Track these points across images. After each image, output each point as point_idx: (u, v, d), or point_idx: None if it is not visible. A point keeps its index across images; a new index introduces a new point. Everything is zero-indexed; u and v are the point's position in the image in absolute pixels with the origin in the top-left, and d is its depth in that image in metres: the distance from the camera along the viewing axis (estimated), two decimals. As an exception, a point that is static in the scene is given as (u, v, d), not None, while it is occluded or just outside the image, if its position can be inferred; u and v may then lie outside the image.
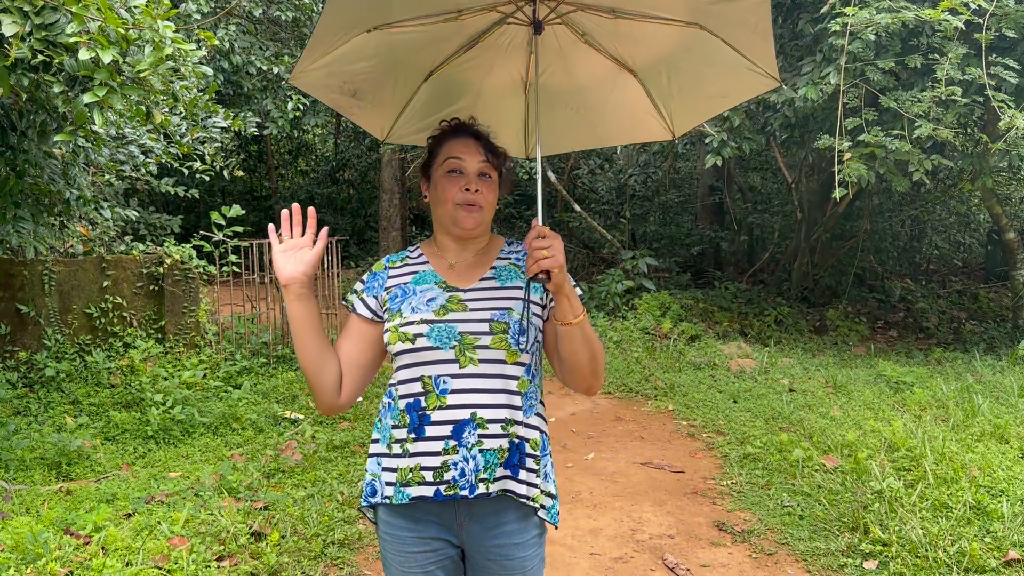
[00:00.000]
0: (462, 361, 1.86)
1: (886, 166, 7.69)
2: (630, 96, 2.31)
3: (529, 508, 1.93)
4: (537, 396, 1.98)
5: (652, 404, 7.19)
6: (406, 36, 2.12)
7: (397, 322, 1.90)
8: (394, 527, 1.93)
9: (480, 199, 1.94)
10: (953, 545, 3.80)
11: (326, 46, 2.03)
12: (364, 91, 2.25)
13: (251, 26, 10.04)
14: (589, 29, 2.13)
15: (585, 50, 2.19)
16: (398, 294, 1.96)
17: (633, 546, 4.23)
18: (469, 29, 2.14)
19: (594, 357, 1.90)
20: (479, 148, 1.95)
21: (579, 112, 2.35)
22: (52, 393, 6.21)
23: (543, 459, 1.95)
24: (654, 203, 16.04)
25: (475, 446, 1.83)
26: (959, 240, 15.96)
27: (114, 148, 6.18)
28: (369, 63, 2.16)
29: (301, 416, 6.26)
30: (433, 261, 2.02)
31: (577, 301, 1.85)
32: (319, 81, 2.18)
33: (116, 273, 6.94)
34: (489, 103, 2.33)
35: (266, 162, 19.87)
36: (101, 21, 3.63)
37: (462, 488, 1.82)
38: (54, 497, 4.55)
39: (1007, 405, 6.34)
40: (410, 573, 1.93)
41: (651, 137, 2.46)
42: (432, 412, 1.84)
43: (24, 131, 4.86)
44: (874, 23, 7.13)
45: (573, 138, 2.52)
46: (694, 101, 2.35)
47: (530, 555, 1.95)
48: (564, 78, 2.28)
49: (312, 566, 3.82)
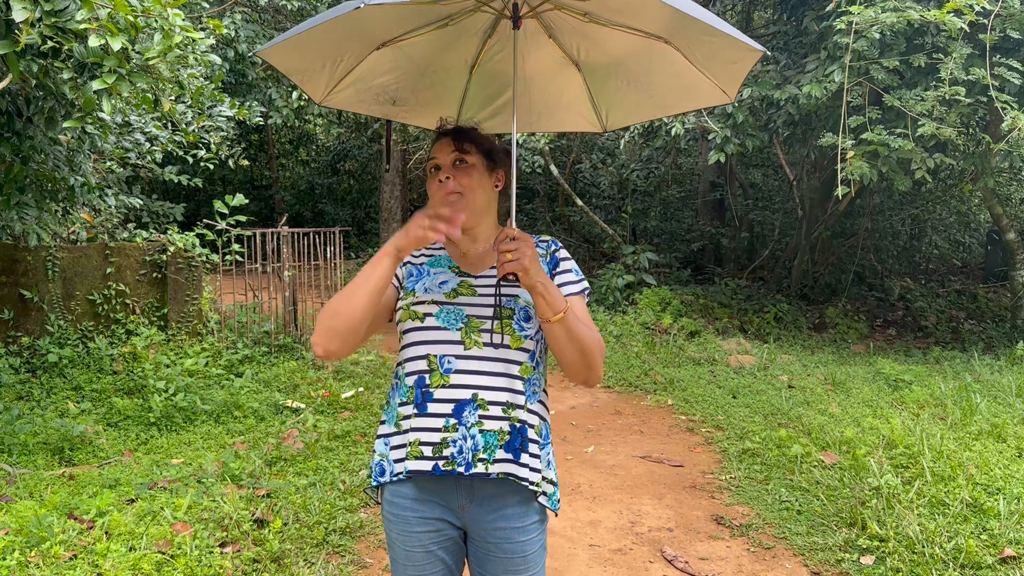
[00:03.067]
0: (467, 343, 1.90)
1: (888, 164, 7.71)
2: (670, 64, 2.30)
3: (530, 493, 1.96)
4: (540, 384, 2.01)
5: (652, 399, 7.23)
6: (417, 46, 2.18)
7: (409, 300, 1.96)
8: (398, 507, 1.97)
9: (454, 185, 1.98)
10: (950, 542, 3.83)
11: (334, 64, 2.10)
12: (404, 98, 2.31)
13: (256, 15, 10.03)
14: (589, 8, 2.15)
15: (602, 29, 2.19)
16: (413, 273, 2.02)
17: (632, 538, 4.27)
18: (471, 28, 2.18)
19: (584, 353, 1.91)
20: (450, 142, 2.01)
21: (631, 84, 2.35)
22: (55, 379, 6.23)
23: (545, 446, 1.99)
24: (655, 198, 16.07)
25: (475, 426, 1.87)
26: (959, 240, 15.99)
27: (119, 135, 6.19)
28: (394, 75, 2.23)
29: (303, 405, 6.28)
30: (448, 248, 2.08)
31: (556, 299, 1.86)
32: (352, 98, 2.25)
33: (119, 260, 6.95)
34: (538, 86, 2.36)
35: (267, 152, 19.86)
36: (111, 8, 3.64)
37: (459, 465, 1.86)
38: (57, 482, 4.57)
39: (1005, 404, 6.38)
40: (413, 552, 1.97)
41: (711, 101, 2.36)
42: (435, 390, 1.89)
43: (31, 117, 4.87)
44: (879, 22, 7.14)
45: (636, 109, 2.50)
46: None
47: (531, 540, 1.98)
48: (598, 53, 2.29)
49: (314, 553, 3.85)
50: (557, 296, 1.87)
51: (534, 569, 2.00)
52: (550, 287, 1.86)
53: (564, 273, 2.05)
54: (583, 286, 2.06)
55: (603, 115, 2.47)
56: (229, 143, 7.10)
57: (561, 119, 2.57)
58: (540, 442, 1.96)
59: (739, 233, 13.97)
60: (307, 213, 19.95)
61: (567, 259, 2.08)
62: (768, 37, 10.68)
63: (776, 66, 9.26)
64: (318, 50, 2.08)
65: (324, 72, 2.16)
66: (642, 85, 2.32)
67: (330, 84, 2.21)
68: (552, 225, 15.87)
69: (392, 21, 2.10)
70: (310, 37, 1.99)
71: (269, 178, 20.12)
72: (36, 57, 3.91)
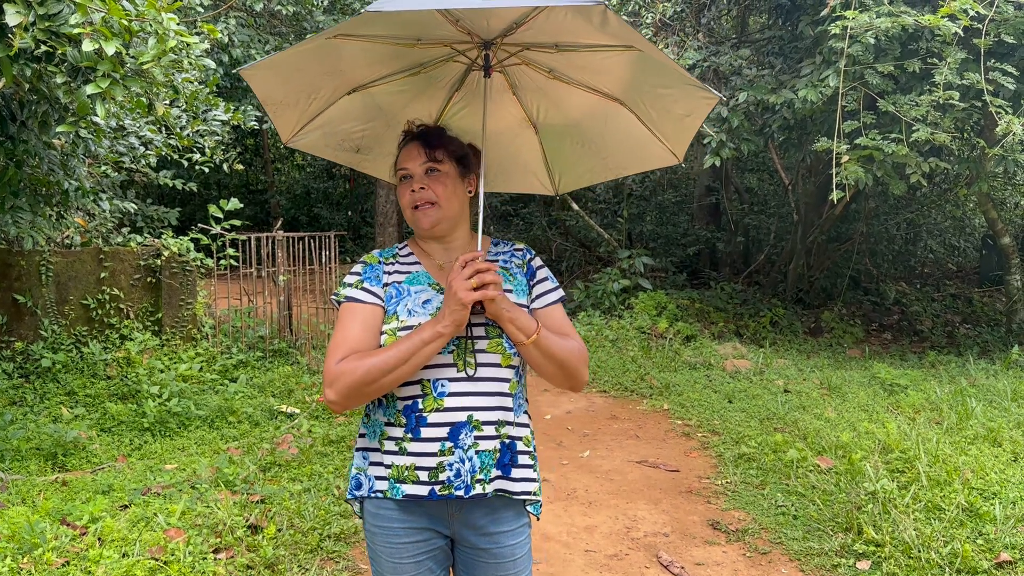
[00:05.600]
0: (459, 365, 1.86)
1: (883, 169, 7.72)
2: (624, 125, 2.35)
3: (520, 502, 1.96)
4: (523, 395, 2.01)
5: (648, 403, 7.22)
6: (387, 95, 2.22)
7: (394, 325, 1.88)
8: (383, 519, 1.92)
9: (427, 195, 1.94)
10: (946, 546, 3.83)
11: (308, 100, 2.13)
12: (368, 146, 2.34)
13: (251, 20, 10.02)
14: (554, 65, 2.21)
15: (564, 87, 2.26)
16: (393, 294, 1.94)
17: (628, 544, 4.25)
18: (441, 79, 2.24)
19: (562, 367, 1.92)
20: (420, 149, 1.97)
21: (585, 146, 2.41)
22: (48, 384, 6.21)
23: (534, 456, 2.00)
24: (651, 203, 16.07)
25: (471, 447, 1.84)
26: (954, 244, 16.02)
27: (113, 140, 6.17)
28: (362, 122, 2.27)
29: (297, 410, 6.26)
30: (424, 261, 2.02)
31: (526, 323, 1.86)
32: (318, 142, 2.28)
33: (113, 265, 6.93)
34: (497, 145, 2.38)
35: (263, 156, 19.83)
36: (105, 12, 3.62)
37: (457, 488, 1.83)
38: (50, 487, 4.55)
39: (1000, 409, 6.38)
40: (401, 564, 1.93)
41: (661, 163, 2.44)
42: (429, 414, 1.84)
43: (24, 122, 4.85)
44: (874, 27, 7.15)
45: (588, 172, 2.54)
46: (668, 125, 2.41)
47: (519, 543, 1.98)
48: (557, 114, 2.34)
49: (308, 559, 3.83)
50: (526, 320, 1.87)
51: (523, 572, 2.00)
52: (516, 312, 1.86)
53: (542, 282, 2.04)
54: (560, 293, 2.06)
55: (556, 178, 2.52)
56: (224, 147, 7.08)
57: (518, 180, 2.60)
58: (531, 452, 1.97)
59: (735, 237, 13.98)
60: (303, 217, 19.94)
61: (542, 267, 2.08)
62: (763, 42, 10.70)
63: (771, 70, 9.28)
64: (297, 81, 2.08)
65: (296, 108, 2.17)
66: (595, 148, 2.39)
67: (300, 123, 2.21)
68: (548, 229, 15.87)
69: (371, 62, 2.11)
70: (295, 62, 2.01)
71: (265, 182, 20.09)
72: (30, 61, 3.90)
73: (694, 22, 11.11)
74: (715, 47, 10.04)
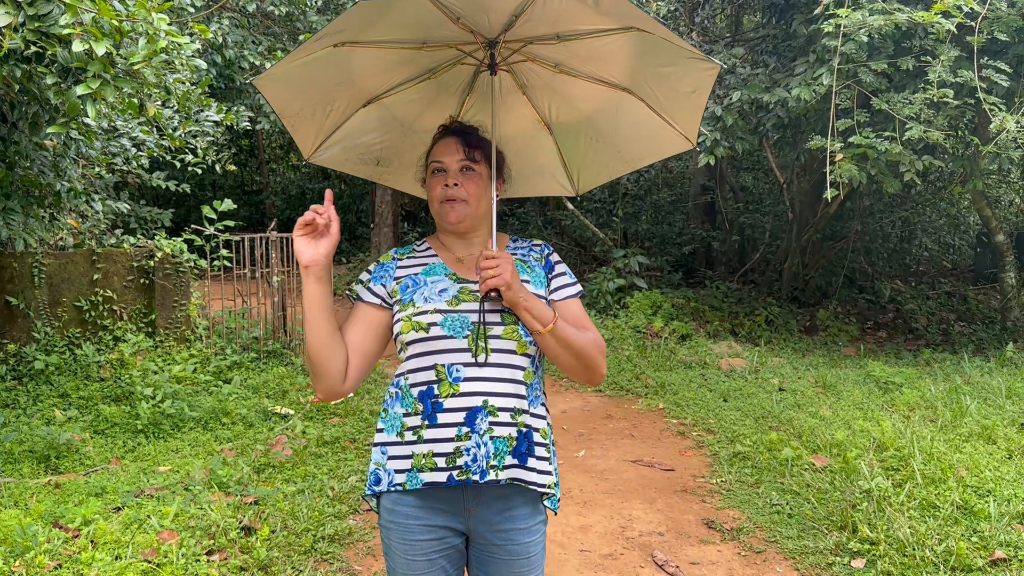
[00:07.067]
0: (474, 350, 1.89)
1: (877, 167, 7.72)
2: (635, 115, 2.34)
3: (536, 495, 1.97)
4: (540, 388, 2.02)
5: (643, 402, 7.21)
6: (401, 104, 2.26)
7: (410, 311, 1.93)
8: (399, 515, 1.94)
9: (460, 192, 1.99)
10: (940, 544, 3.83)
11: (324, 112, 2.17)
12: (388, 159, 2.37)
13: (244, 20, 9.99)
14: (560, 59, 2.22)
15: (571, 81, 2.26)
16: (408, 284, 1.99)
17: (623, 543, 4.25)
18: (452, 84, 2.26)
19: (579, 357, 1.94)
20: (458, 146, 2.01)
21: (599, 141, 2.42)
22: (41, 386, 6.18)
23: (551, 448, 1.99)
24: (646, 202, 16.08)
25: (486, 432, 1.86)
26: (949, 242, 16.05)
27: (105, 141, 6.15)
28: (380, 134, 2.30)
29: (291, 411, 6.25)
30: (442, 254, 2.07)
31: (542, 312, 1.90)
32: (339, 156, 2.31)
33: (106, 266, 6.90)
34: (513, 150, 2.38)
35: (257, 157, 19.79)
36: (95, 12, 3.61)
37: (474, 473, 1.85)
38: (43, 490, 4.53)
39: (995, 406, 6.39)
40: (414, 561, 1.95)
41: (674, 149, 2.41)
42: (445, 400, 1.87)
43: (15, 123, 4.84)
44: (867, 25, 7.15)
45: (605, 167, 2.53)
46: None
47: (535, 540, 1.99)
48: (569, 110, 2.35)
49: (302, 561, 3.81)
50: (543, 309, 1.90)
51: (537, 570, 2.01)
52: (533, 301, 1.90)
53: (560, 276, 2.08)
54: (579, 288, 2.09)
55: (575, 177, 2.53)
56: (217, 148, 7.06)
57: (537, 183, 2.61)
58: (547, 444, 1.97)
59: (730, 236, 13.99)
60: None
61: (560, 262, 2.12)
62: (757, 40, 10.70)
63: (765, 69, 9.28)
64: (311, 92, 2.12)
65: (313, 121, 2.20)
66: (609, 141, 2.40)
67: (319, 137, 2.24)
68: (544, 229, 15.87)
69: (381, 69, 2.14)
70: (306, 72, 2.03)
71: (260, 183, 20.05)
72: (19, 62, 3.88)
73: (688, 21, 11.11)
74: (709, 46, 10.05)
